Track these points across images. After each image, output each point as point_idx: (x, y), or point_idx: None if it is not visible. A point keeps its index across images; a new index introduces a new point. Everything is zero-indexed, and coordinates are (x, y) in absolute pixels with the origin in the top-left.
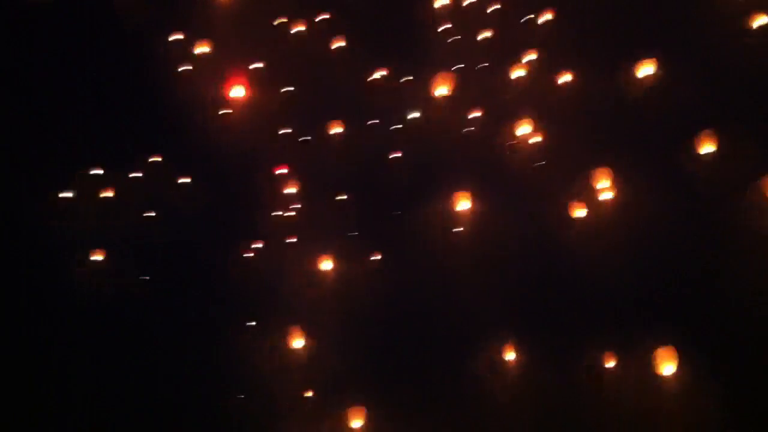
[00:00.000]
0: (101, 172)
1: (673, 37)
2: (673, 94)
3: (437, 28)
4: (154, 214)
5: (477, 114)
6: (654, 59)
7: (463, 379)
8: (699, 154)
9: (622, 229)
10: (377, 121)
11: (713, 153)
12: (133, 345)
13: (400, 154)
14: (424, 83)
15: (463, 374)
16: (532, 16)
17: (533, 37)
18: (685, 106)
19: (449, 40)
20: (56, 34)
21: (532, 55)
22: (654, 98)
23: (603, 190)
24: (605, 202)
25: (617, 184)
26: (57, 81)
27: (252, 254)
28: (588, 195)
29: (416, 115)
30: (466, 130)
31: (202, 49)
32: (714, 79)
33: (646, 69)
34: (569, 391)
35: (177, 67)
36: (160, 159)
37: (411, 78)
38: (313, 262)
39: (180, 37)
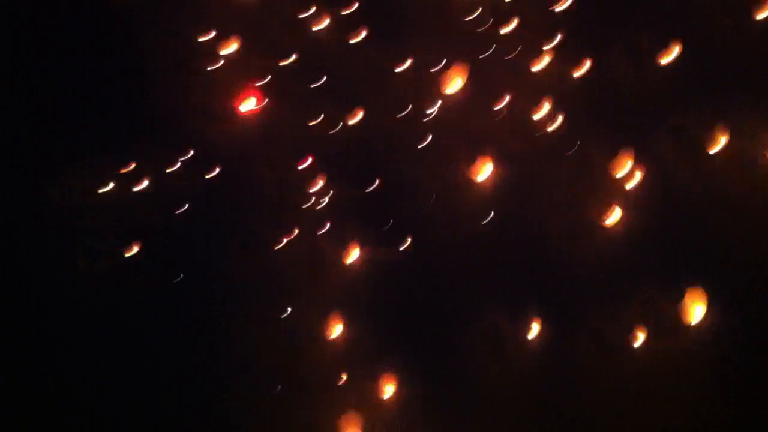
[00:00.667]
0: (129, 167)
1: (696, 23)
2: (697, 79)
3: (460, 18)
4: (183, 209)
5: (502, 103)
6: (676, 44)
7: (489, 358)
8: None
9: (649, 214)
10: (405, 112)
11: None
12: (153, 343)
13: (426, 142)
14: (446, 74)
15: (490, 353)
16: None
17: (554, 24)
18: (708, 91)
19: (477, 30)
20: (66, 28)
21: (553, 42)
22: (677, 83)
23: (627, 177)
24: (631, 189)
25: (642, 168)
26: (64, 73)
27: (283, 247)
28: (612, 184)
29: (436, 107)
30: (496, 117)
31: (229, 49)
32: (734, 64)
33: (669, 55)
34: (597, 371)
35: (205, 66)
36: (189, 155)
37: (438, 68)
38: (343, 252)
39: (210, 36)
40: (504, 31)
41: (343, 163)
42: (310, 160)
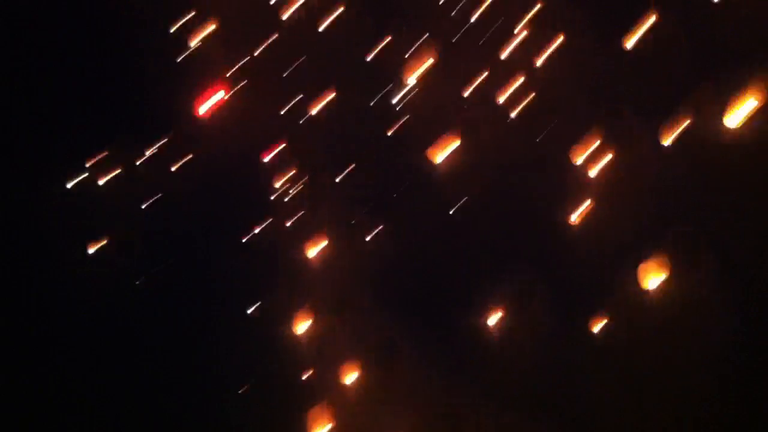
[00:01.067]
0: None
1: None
2: (668, 51)
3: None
4: (152, 201)
5: (472, 87)
6: (649, 18)
7: (460, 342)
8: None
9: (623, 188)
10: (376, 98)
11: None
12: (133, 336)
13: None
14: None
15: (460, 337)
16: None
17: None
18: (680, 62)
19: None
20: (55, 25)
21: (523, 22)
22: (649, 56)
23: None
24: (606, 165)
25: (615, 145)
26: (51, 70)
27: (253, 237)
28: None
29: (406, 89)
30: (466, 99)
31: (203, 34)
32: (708, 36)
33: (642, 27)
34: (563, 347)
35: (177, 56)
36: (159, 146)
37: (409, 52)
38: (314, 242)
39: (183, 21)
40: (476, 15)
41: (313, 151)
42: (277, 149)
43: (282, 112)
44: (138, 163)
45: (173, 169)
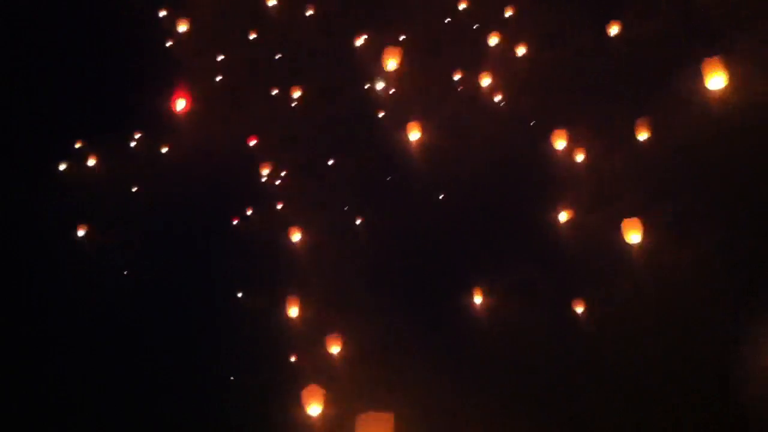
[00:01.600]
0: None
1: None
2: (635, 54)
3: None
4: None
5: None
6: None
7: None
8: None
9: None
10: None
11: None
12: (125, 325)
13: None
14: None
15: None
16: None
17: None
18: (643, 65)
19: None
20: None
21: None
22: (617, 59)
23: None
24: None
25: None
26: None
27: (239, 223)
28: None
29: (383, 84)
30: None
31: (183, 26)
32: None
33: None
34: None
35: (162, 44)
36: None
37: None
38: (302, 226)
39: (165, 13)
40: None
41: (301, 136)
42: (264, 135)
43: (272, 95)
44: (126, 149)
45: (162, 152)
